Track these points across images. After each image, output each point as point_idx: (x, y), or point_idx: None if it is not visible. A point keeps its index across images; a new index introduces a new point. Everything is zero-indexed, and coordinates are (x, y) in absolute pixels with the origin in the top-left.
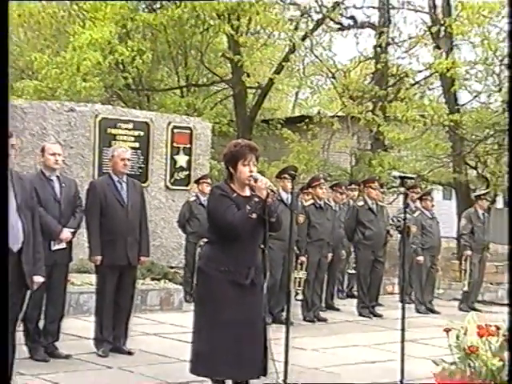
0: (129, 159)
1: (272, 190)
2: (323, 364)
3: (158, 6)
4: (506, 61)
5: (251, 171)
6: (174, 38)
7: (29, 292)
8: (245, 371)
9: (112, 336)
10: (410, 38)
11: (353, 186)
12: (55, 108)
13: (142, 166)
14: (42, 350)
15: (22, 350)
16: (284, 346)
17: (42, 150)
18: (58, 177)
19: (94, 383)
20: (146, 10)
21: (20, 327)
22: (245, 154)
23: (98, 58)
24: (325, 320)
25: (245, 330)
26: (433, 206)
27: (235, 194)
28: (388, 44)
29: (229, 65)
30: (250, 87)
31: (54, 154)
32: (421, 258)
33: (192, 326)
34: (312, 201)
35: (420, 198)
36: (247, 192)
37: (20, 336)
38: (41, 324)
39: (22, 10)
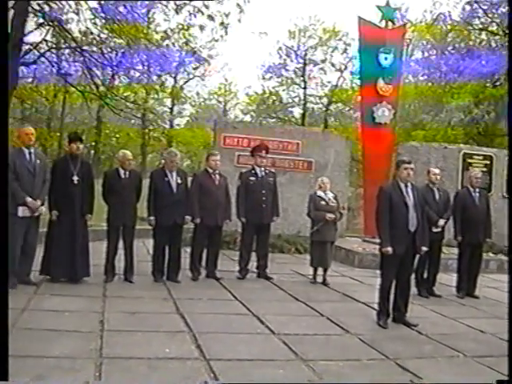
0: (479, 178)
1: None
2: None
3: (498, 83)
4: None
5: None
6: None
7: (417, 256)
8: None
9: (467, 285)
10: None
11: None
12: (435, 146)
13: (488, 182)
14: (424, 290)
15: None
16: None
17: (428, 172)
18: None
19: (451, 313)
20: (490, 86)
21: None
22: None
23: (461, 116)
24: None
25: None
26: None
27: None
28: None
29: None
30: None
31: (435, 174)
32: None
33: None
34: None
35: None
36: None
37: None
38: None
39: (418, 90)
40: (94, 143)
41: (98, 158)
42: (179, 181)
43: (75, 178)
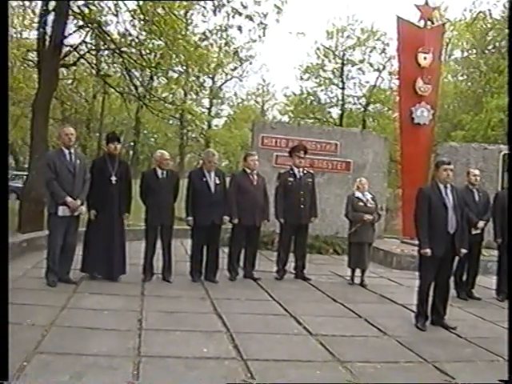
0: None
1: None
2: None
3: None
4: None
5: None
6: None
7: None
8: None
9: (507, 288)
10: None
11: None
12: (475, 147)
13: None
14: (463, 293)
15: None
16: None
17: (467, 174)
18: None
19: (491, 316)
20: None
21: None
22: None
23: (501, 116)
24: None
25: None
26: None
27: None
28: None
29: None
30: None
31: (475, 175)
32: None
33: None
34: None
35: None
36: None
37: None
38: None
39: (457, 90)
40: (132, 143)
41: (137, 158)
42: (217, 181)
43: (113, 178)
